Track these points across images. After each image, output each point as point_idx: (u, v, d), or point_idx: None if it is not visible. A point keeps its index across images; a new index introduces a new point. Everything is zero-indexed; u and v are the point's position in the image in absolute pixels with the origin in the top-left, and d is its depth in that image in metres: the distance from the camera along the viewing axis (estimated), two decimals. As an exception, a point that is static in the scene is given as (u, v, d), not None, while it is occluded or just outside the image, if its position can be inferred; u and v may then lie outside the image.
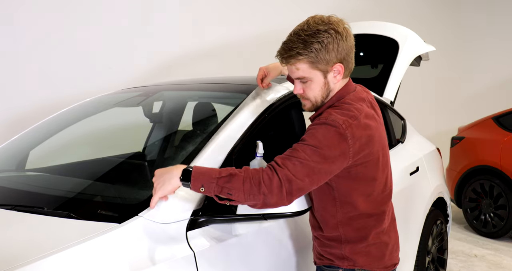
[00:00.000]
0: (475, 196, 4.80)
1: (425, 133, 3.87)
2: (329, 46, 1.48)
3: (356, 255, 1.62)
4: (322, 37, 1.47)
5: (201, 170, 1.41)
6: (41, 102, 3.34)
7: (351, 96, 1.57)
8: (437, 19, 7.16)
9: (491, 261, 4.03)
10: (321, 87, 1.55)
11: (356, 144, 1.47)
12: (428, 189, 3.01)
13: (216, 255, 1.56)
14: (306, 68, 1.51)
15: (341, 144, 1.44)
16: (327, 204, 1.61)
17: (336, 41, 1.48)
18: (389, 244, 1.68)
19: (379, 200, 1.63)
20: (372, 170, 1.57)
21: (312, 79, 1.53)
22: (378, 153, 1.57)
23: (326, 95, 1.57)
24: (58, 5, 3.42)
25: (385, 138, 1.68)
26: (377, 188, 1.61)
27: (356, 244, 1.62)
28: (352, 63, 1.58)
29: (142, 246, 1.42)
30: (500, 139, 4.60)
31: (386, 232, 1.68)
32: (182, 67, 4.16)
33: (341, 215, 1.60)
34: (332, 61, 1.50)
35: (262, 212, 1.54)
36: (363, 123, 1.50)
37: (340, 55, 1.50)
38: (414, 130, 3.33)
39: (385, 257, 1.66)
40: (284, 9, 4.92)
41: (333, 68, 1.52)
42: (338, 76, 1.54)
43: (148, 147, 2.79)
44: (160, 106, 2.60)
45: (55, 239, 1.38)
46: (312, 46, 1.47)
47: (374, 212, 1.62)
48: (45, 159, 2.47)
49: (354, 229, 1.61)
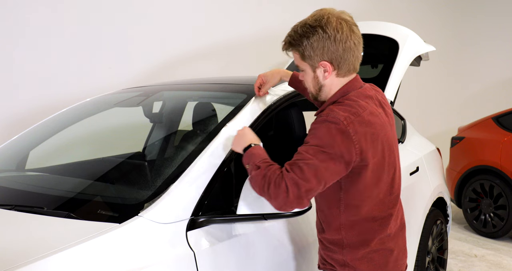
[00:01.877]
0: (475, 196, 4.80)
1: (425, 134, 3.88)
2: (314, 44, 1.50)
3: (358, 262, 1.58)
4: (309, 34, 1.51)
5: (254, 151, 1.56)
6: (41, 102, 3.34)
7: (356, 93, 1.56)
8: (437, 19, 7.16)
9: (491, 261, 4.03)
10: (312, 79, 1.58)
11: (361, 140, 1.45)
12: (428, 189, 3.01)
13: (216, 255, 1.56)
14: (298, 58, 1.57)
15: (345, 141, 1.43)
16: (332, 204, 1.59)
17: (322, 40, 1.49)
18: (394, 251, 1.63)
19: (385, 203, 1.60)
20: (376, 171, 1.54)
21: (304, 70, 1.59)
22: (383, 153, 1.54)
23: (318, 88, 1.59)
24: (58, 5, 3.42)
25: (394, 138, 1.64)
26: (382, 189, 1.57)
27: (358, 249, 1.58)
28: (349, 64, 1.55)
29: (142, 246, 1.42)
30: (500, 139, 4.60)
31: (392, 238, 1.62)
32: (182, 67, 4.16)
33: (345, 217, 1.57)
34: (317, 58, 1.52)
35: (262, 212, 1.54)
36: (367, 120, 1.48)
37: (327, 54, 1.51)
38: (414, 130, 3.33)
39: (389, 264, 1.61)
40: (284, 9, 4.92)
41: (320, 65, 1.54)
42: (326, 74, 1.54)
43: (148, 147, 2.79)
44: (160, 106, 2.60)
45: (55, 239, 1.38)
46: (301, 40, 1.52)
47: (379, 216, 1.58)
48: (45, 159, 2.47)
49: (357, 233, 1.58)
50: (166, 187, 1.59)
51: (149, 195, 1.59)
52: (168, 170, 1.74)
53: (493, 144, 4.63)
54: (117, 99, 2.54)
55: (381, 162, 1.55)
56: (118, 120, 2.71)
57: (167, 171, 1.74)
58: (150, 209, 1.50)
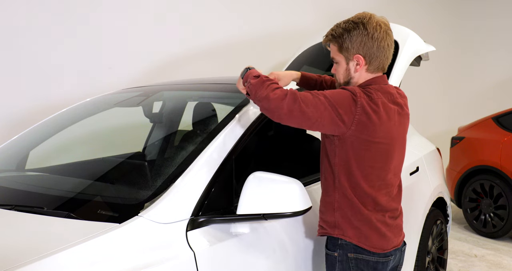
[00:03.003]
0: (475, 196, 4.80)
1: (425, 134, 3.88)
2: (353, 38, 1.68)
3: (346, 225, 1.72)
4: (350, 28, 1.69)
5: (252, 71, 1.70)
6: (41, 102, 3.34)
7: (377, 87, 1.71)
8: (436, 19, 7.16)
9: (491, 261, 4.03)
10: (344, 71, 1.75)
11: (362, 116, 1.61)
12: (428, 189, 3.01)
13: (216, 255, 1.56)
14: (335, 50, 1.75)
15: (351, 107, 1.60)
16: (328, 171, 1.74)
17: (361, 35, 1.67)
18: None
19: (377, 186, 1.71)
20: (376, 155, 1.68)
21: (339, 62, 1.75)
22: (386, 141, 1.67)
23: (347, 80, 1.75)
24: (58, 5, 3.42)
25: (402, 136, 1.77)
26: (376, 171, 1.70)
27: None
28: (381, 62, 1.72)
29: (142, 246, 1.42)
30: (500, 139, 4.60)
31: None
32: (182, 67, 4.16)
33: (338, 195, 1.71)
34: (353, 51, 1.69)
35: (262, 212, 1.54)
36: (375, 108, 1.63)
37: (362, 49, 1.69)
38: (414, 130, 3.33)
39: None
40: (284, 10, 4.91)
41: (354, 58, 1.71)
42: (358, 67, 1.71)
43: (148, 147, 2.79)
44: (160, 106, 2.60)
45: (55, 239, 1.38)
46: (342, 34, 1.70)
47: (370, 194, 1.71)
48: (45, 159, 2.47)
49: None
50: (166, 187, 1.59)
51: (149, 195, 1.59)
52: (168, 170, 1.74)
53: (493, 144, 4.63)
54: (117, 99, 2.54)
55: (382, 149, 1.68)
56: (118, 120, 2.71)
57: (167, 171, 1.74)
58: (150, 209, 1.50)
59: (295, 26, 4.89)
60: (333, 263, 1.75)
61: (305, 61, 3.50)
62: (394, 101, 1.72)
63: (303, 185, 1.64)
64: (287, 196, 1.56)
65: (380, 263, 1.72)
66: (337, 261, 1.73)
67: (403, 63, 2.86)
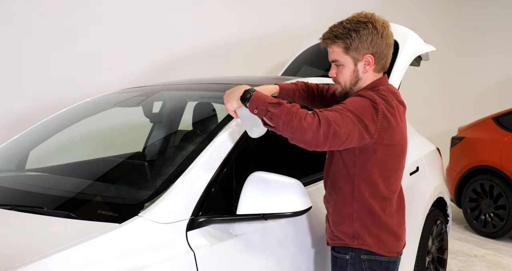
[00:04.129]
0: (475, 196, 4.80)
1: (425, 134, 3.87)
2: (363, 37, 1.63)
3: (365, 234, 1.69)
4: (359, 28, 1.64)
5: (259, 95, 1.56)
6: (41, 102, 3.34)
7: (385, 88, 1.69)
8: (437, 19, 7.16)
9: (491, 261, 4.03)
10: (351, 73, 1.69)
11: (383, 122, 1.58)
12: (428, 189, 3.01)
13: (216, 255, 1.56)
14: (340, 52, 1.67)
15: (373, 116, 1.57)
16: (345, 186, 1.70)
17: (371, 34, 1.63)
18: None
19: (393, 188, 1.72)
20: (394, 157, 1.66)
21: (344, 64, 1.68)
22: (401, 142, 1.68)
23: (354, 82, 1.70)
24: (58, 5, 3.42)
25: (405, 134, 1.77)
26: (394, 174, 1.70)
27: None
28: (386, 61, 1.71)
29: (142, 246, 1.42)
30: (500, 139, 4.60)
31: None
32: (182, 67, 4.16)
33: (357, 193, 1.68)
34: (363, 51, 1.65)
35: (262, 212, 1.54)
36: (392, 111, 1.62)
37: (372, 48, 1.65)
38: (414, 130, 3.33)
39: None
40: (284, 10, 4.91)
41: (364, 58, 1.66)
42: (367, 67, 1.67)
43: (148, 147, 2.79)
44: (160, 106, 2.60)
45: (55, 239, 1.38)
46: (349, 33, 1.64)
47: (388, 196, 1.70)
48: (45, 159, 2.47)
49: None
50: (166, 187, 1.59)
51: (149, 195, 1.59)
52: (168, 170, 1.74)
53: (493, 144, 4.63)
54: (117, 99, 2.54)
55: (398, 151, 1.68)
56: (118, 120, 2.71)
57: (167, 171, 1.74)
58: (150, 209, 1.50)
59: (295, 26, 4.88)
60: (344, 266, 1.73)
61: (305, 61, 3.50)
62: (399, 101, 1.72)
63: (303, 185, 1.64)
64: (287, 196, 1.56)
65: (392, 262, 1.74)
66: (348, 263, 1.72)
67: (403, 63, 2.86)
